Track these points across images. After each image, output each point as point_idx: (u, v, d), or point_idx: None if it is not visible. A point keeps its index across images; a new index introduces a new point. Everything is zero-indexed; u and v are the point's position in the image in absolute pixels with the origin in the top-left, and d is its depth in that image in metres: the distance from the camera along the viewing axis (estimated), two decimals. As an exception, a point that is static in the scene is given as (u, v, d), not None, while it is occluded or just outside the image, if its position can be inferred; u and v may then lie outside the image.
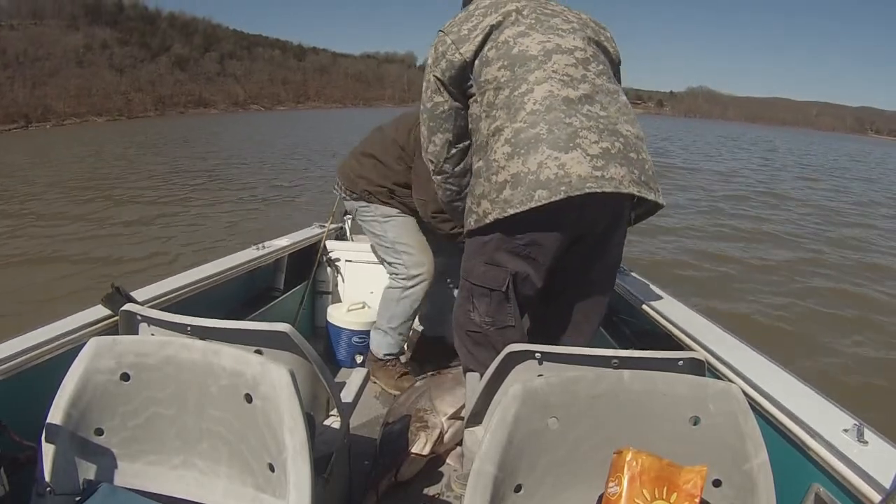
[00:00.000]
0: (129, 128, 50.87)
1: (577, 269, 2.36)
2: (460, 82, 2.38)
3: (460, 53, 2.34)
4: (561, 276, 2.34)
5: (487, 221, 2.19)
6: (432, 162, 2.56)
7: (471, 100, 2.38)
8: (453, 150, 2.49)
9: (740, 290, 9.03)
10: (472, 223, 2.28)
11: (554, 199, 2.05)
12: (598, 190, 2.07)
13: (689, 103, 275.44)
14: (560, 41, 2.32)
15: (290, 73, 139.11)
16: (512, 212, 2.11)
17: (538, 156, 2.09)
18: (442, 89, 2.40)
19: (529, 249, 2.22)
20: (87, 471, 1.56)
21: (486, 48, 2.33)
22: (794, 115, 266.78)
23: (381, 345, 3.56)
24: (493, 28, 2.35)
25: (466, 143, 2.48)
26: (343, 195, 3.63)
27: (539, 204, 2.06)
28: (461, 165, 2.51)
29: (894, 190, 27.41)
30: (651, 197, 2.23)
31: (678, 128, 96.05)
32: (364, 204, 3.51)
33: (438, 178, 2.59)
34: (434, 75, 2.40)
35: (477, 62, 2.34)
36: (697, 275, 9.76)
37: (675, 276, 9.27)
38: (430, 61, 2.45)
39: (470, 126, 2.41)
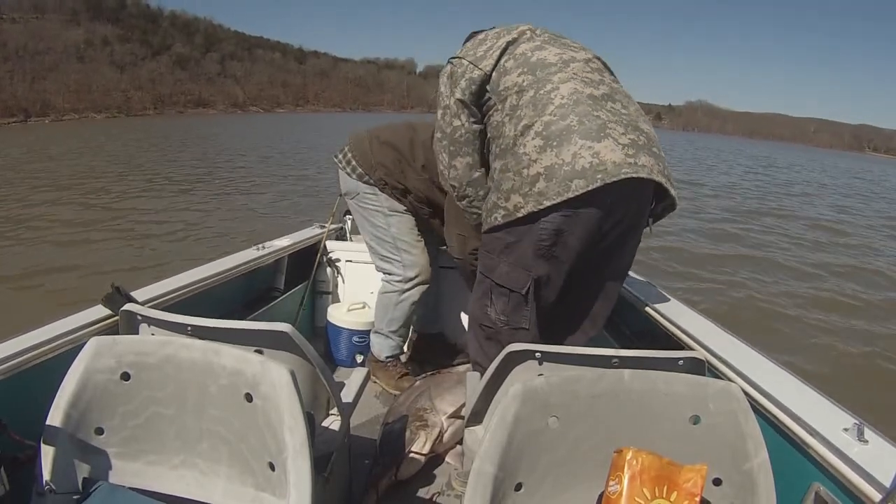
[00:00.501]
0: (127, 126, 50.74)
1: (591, 269, 2.37)
2: (479, 98, 2.41)
3: (480, 69, 2.39)
4: (575, 276, 2.34)
5: (519, 215, 2.18)
6: (454, 187, 2.55)
7: (491, 110, 2.39)
8: (475, 174, 2.48)
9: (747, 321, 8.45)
10: (500, 218, 2.26)
11: (591, 187, 2.07)
12: (633, 175, 2.11)
13: (687, 117, 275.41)
14: (574, 54, 2.43)
15: (290, 75, 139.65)
16: (548, 203, 2.11)
17: (571, 146, 2.11)
18: (462, 112, 2.41)
19: (555, 250, 2.22)
20: (87, 470, 1.56)
21: (503, 60, 2.40)
22: (791, 131, 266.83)
23: (382, 348, 3.53)
24: (509, 44, 2.44)
25: (485, 168, 2.48)
26: (349, 171, 3.35)
27: (576, 194, 2.08)
28: (484, 189, 2.47)
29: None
30: (673, 192, 2.29)
31: (678, 141, 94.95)
32: (372, 191, 3.31)
33: (463, 203, 2.58)
34: (456, 98, 2.41)
35: (495, 74, 2.39)
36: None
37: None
38: (445, 90, 2.47)
39: (489, 135, 2.41)
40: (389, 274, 3.41)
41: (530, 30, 2.51)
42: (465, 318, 3.64)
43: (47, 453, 1.50)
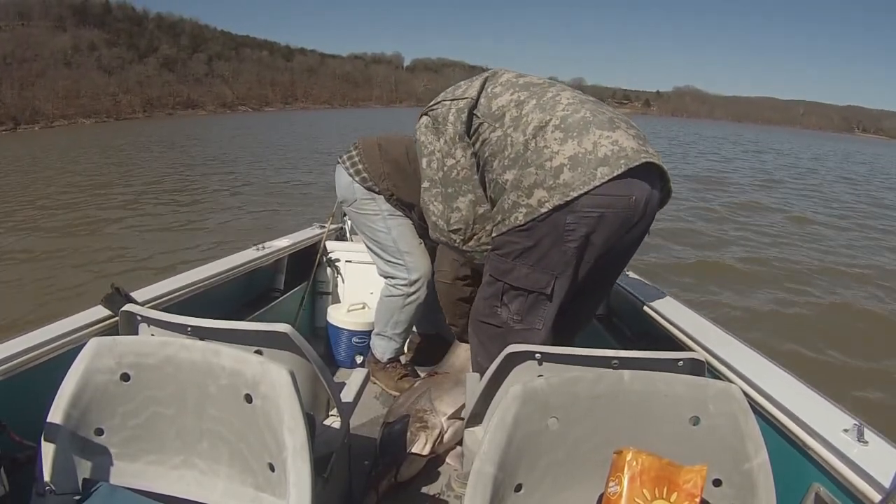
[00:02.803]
0: (118, 130, 50.58)
1: (606, 266, 2.36)
2: (468, 127, 2.41)
3: (464, 99, 2.41)
4: (592, 273, 2.31)
5: (543, 211, 2.14)
6: (459, 230, 2.46)
7: (485, 133, 2.37)
8: (481, 210, 2.42)
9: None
10: (521, 217, 2.20)
11: (616, 173, 2.08)
12: (650, 159, 2.14)
13: (675, 103, 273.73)
14: (551, 81, 2.51)
15: (277, 73, 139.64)
16: (574, 195, 2.09)
17: (591, 136, 2.14)
18: (456, 147, 2.40)
19: (580, 251, 2.20)
20: (87, 470, 1.56)
21: (488, 89, 2.43)
22: (780, 114, 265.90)
23: (385, 350, 3.51)
24: (489, 77, 2.51)
25: (488, 205, 2.43)
26: (352, 174, 3.27)
27: (602, 181, 2.07)
28: (491, 224, 2.39)
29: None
30: (670, 184, 2.32)
31: (666, 127, 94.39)
32: (370, 196, 3.27)
33: (471, 243, 2.49)
34: (446, 138, 2.41)
35: (483, 99, 2.41)
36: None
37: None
38: (428, 137, 2.48)
39: (488, 154, 2.36)
40: (394, 278, 3.37)
41: (503, 69, 2.58)
42: None
43: (47, 454, 1.50)
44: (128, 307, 1.99)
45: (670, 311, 2.74)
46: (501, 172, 2.30)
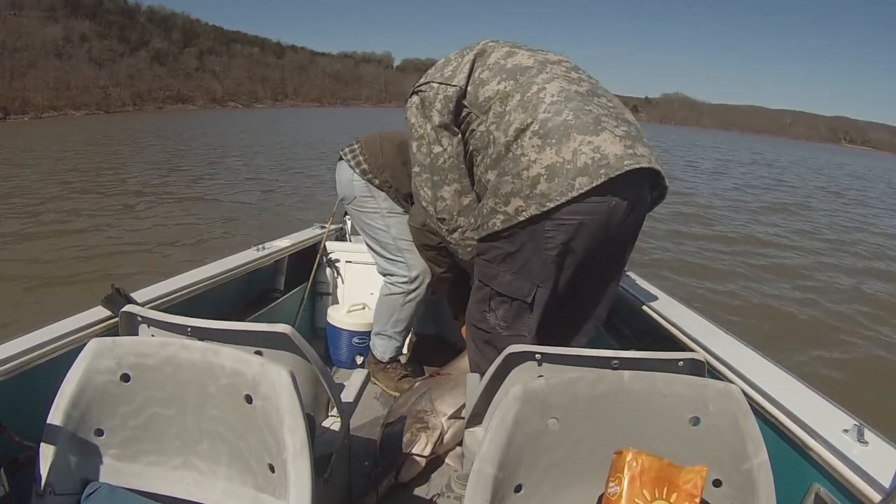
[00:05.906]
0: (108, 122, 50.35)
1: (596, 271, 2.35)
2: (456, 116, 2.37)
3: (453, 85, 2.35)
4: (580, 279, 2.31)
5: (520, 219, 2.12)
6: (444, 220, 2.47)
7: (472, 124, 2.34)
8: (466, 200, 2.42)
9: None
10: (499, 224, 2.19)
11: (595, 183, 2.03)
12: (636, 166, 2.08)
13: (664, 109, 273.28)
14: (546, 55, 2.41)
15: (268, 70, 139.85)
16: (551, 205, 2.06)
17: (571, 143, 2.07)
18: (443, 136, 2.37)
19: (561, 258, 2.18)
20: (87, 471, 1.56)
21: (476, 73, 2.37)
22: (768, 123, 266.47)
23: (386, 349, 3.50)
24: (478, 56, 2.41)
25: (474, 193, 2.43)
26: (353, 165, 3.29)
27: (580, 192, 2.03)
28: (475, 219, 2.41)
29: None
30: (666, 182, 2.28)
31: (659, 134, 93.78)
32: (369, 193, 3.28)
33: (454, 235, 2.50)
34: (433, 124, 2.36)
35: (470, 87, 2.35)
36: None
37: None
38: (417, 119, 2.43)
39: (472, 148, 2.35)
40: (393, 276, 3.37)
41: (493, 41, 2.49)
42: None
43: (47, 454, 1.49)
44: (128, 308, 1.98)
45: (670, 311, 2.74)
46: (484, 171, 2.30)
